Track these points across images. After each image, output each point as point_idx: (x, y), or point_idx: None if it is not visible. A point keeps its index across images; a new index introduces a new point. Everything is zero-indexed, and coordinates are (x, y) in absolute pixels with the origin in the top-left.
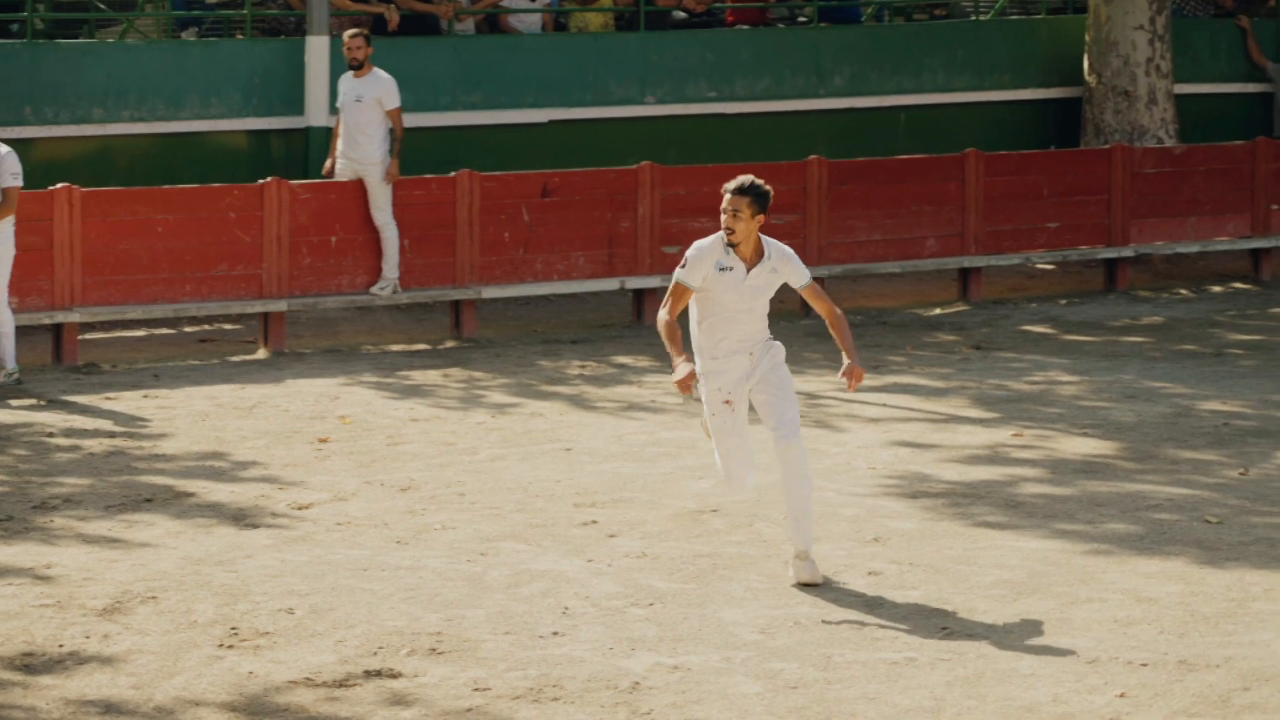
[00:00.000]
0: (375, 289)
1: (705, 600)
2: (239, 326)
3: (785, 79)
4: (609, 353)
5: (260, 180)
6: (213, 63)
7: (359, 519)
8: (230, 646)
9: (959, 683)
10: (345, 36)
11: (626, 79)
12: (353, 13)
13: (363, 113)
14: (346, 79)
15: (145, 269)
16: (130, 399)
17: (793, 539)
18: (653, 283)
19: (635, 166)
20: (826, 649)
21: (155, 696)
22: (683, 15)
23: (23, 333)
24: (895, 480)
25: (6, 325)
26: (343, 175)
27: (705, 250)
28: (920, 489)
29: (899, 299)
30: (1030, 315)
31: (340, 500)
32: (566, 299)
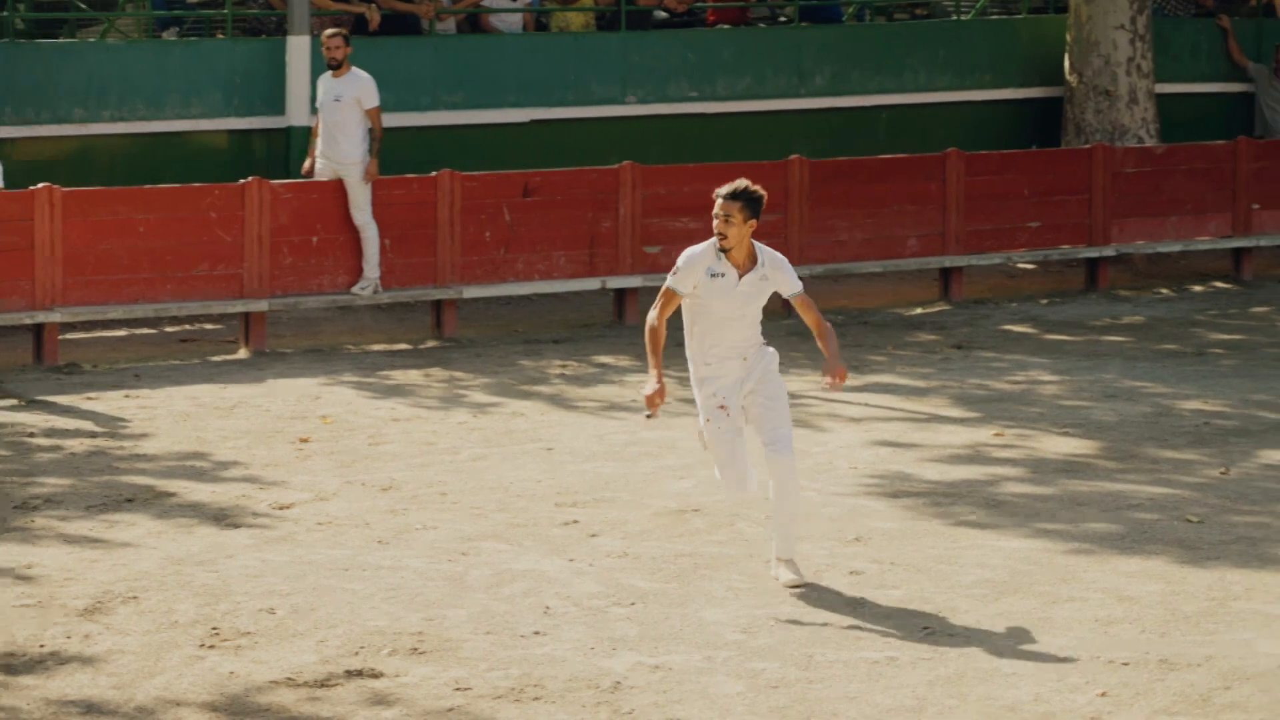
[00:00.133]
0: (356, 289)
1: (687, 600)
2: (220, 326)
3: (766, 79)
4: (590, 352)
5: (241, 180)
6: (193, 62)
7: (340, 519)
8: (211, 646)
9: (940, 682)
10: (324, 36)
11: (608, 79)
12: (334, 12)
13: (342, 112)
14: (325, 79)
15: (126, 269)
16: (111, 399)
17: (777, 545)
18: (634, 282)
19: (616, 166)
20: (808, 648)
21: (136, 696)
22: (664, 15)
23: (3, 333)
24: (876, 480)
25: None
26: (322, 175)
27: (696, 257)
28: (901, 488)
29: (880, 299)
30: (1011, 315)
31: (321, 500)
32: (548, 299)
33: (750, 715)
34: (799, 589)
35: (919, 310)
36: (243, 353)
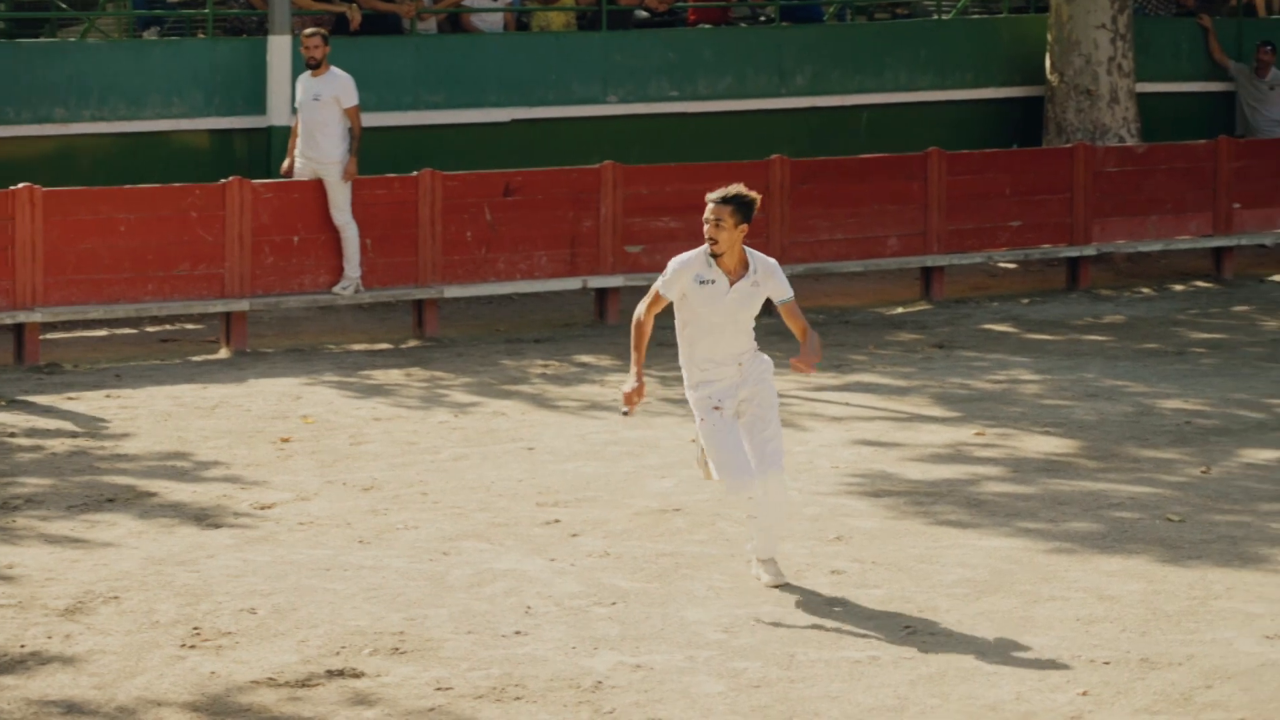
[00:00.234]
0: (337, 288)
1: (668, 599)
2: (201, 326)
3: (747, 78)
4: (571, 352)
5: (222, 180)
6: (174, 62)
7: (321, 519)
8: (192, 646)
9: (922, 681)
10: (303, 36)
11: (589, 78)
12: (315, 12)
13: (321, 111)
14: (304, 78)
15: (107, 269)
16: (92, 399)
17: (758, 545)
18: (615, 282)
19: (597, 166)
20: (789, 648)
21: (117, 697)
22: (645, 14)
23: None
24: (858, 479)
25: None
26: (302, 175)
27: (686, 263)
28: (883, 488)
29: (861, 298)
30: (992, 314)
31: (303, 500)
32: (529, 298)
33: (732, 715)
34: (777, 587)
35: (900, 309)
36: (224, 352)
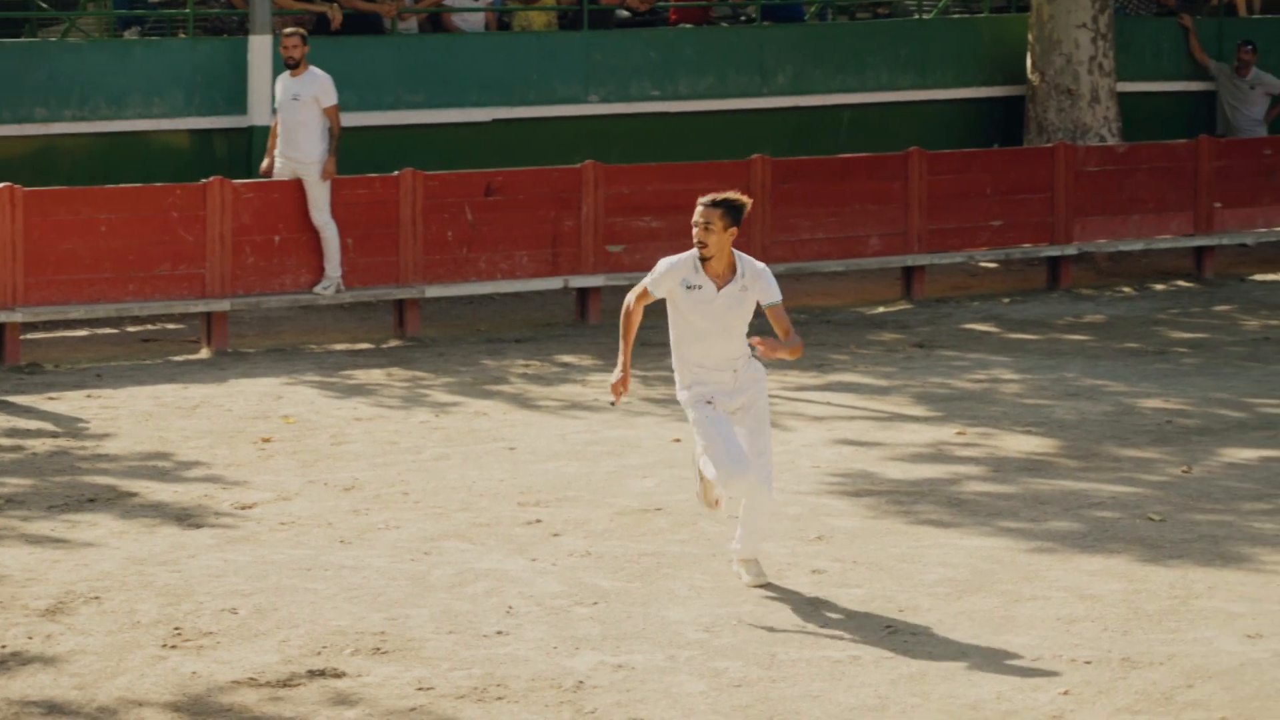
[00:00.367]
0: (318, 288)
1: (649, 599)
2: (182, 326)
3: (729, 78)
4: (553, 352)
5: (203, 180)
6: (155, 62)
7: (302, 519)
8: (173, 647)
9: (903, 681)
10: (282, 36)
11: (570, 78)
12: (295, 12)
13: (300, 111)
14: (284, 78)
15: (88, 269)
16: (73, 399)
17: (741, 546)
18: (596, 281)
19: (579, 165)
20: (770, 647)
21: (98, 697)
22: (626, 14)
23: None
24: (839, 478)
25: None
26: (281, 175)
27: (674, 266)
28: (864, 487)
29: (842, 297)
30: (973, 313)
31: (284, 500)
32: (510, 298)
33: (713, 714)
34: (758, 587)
35: (881, 309)
36: (205, 352)
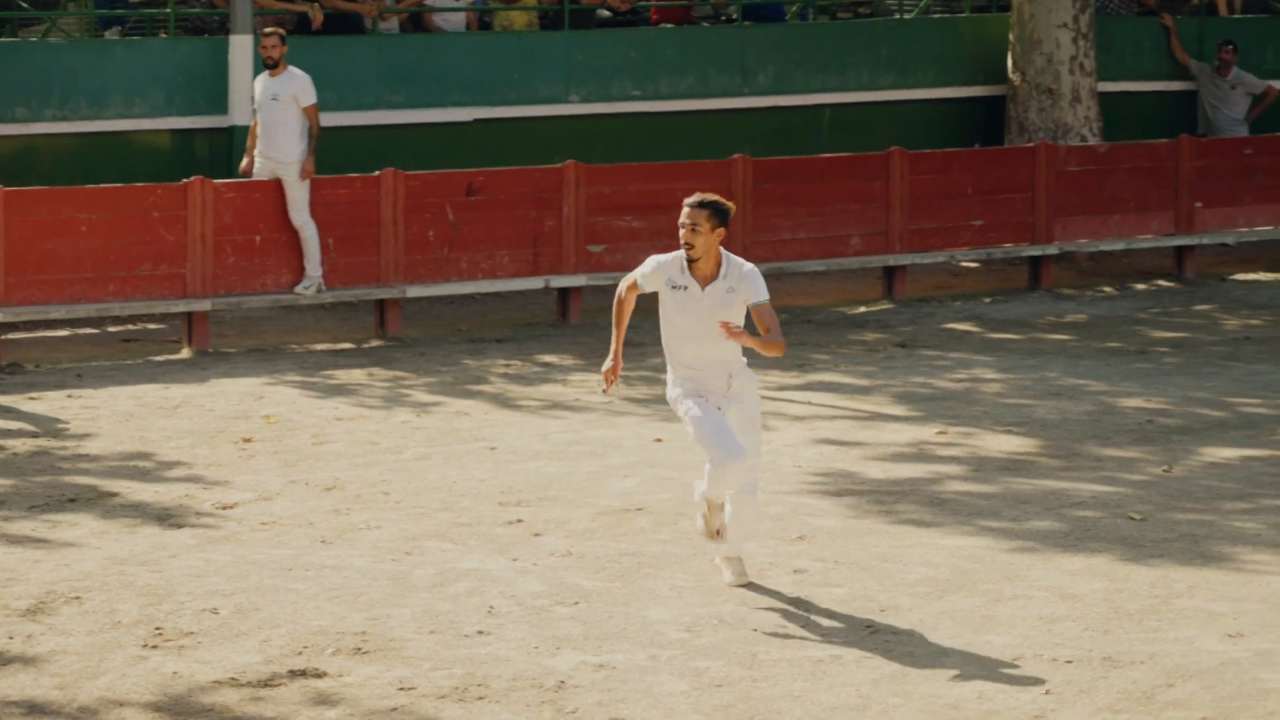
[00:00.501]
0: (299, 288)
1: (630, 599)
2: (163, 326)
3: (710, 77)
4: (534, 351)
5: (184, 179)
6: (136, 62)
7: (284, 518)
8: (154, 647)
9: (884, 680)
10: (260, 36)
11: (551, 78)
12: (276, 11)
13: (280, 111)
14: (263, 78)
15: (69, 269)
16: (54, 399)
17: (730, 544)
18: (578, 281)
19: (560, 165)
20: (752, 647)
21: (79, 697)
22: (607, 14)
23: None
24: (820, 478)
25: None
26: (261, 175)
27: (661, 265)
28: (845, 487)
29: (824, 297)
30: (955, 313)
31: (265, 500)
32: (491, 298)
33: (694, 714)
34: (740, 586)
35: (863, 309)
36: (186, 352)
